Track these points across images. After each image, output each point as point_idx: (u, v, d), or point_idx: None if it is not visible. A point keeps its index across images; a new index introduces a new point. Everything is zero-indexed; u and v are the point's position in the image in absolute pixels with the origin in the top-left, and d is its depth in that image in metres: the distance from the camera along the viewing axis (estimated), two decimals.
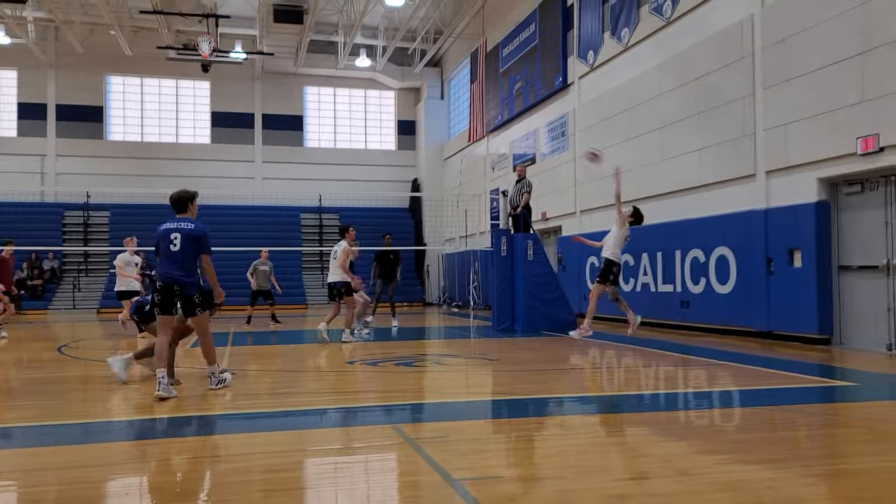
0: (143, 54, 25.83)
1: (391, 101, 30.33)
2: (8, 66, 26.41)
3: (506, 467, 4.20)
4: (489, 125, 23.16)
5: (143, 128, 28.31)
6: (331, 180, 28.53)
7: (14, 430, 5.38)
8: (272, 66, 27.96)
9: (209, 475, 4.04)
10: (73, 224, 26.32)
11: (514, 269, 13.50)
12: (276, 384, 7.59)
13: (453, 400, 6.64)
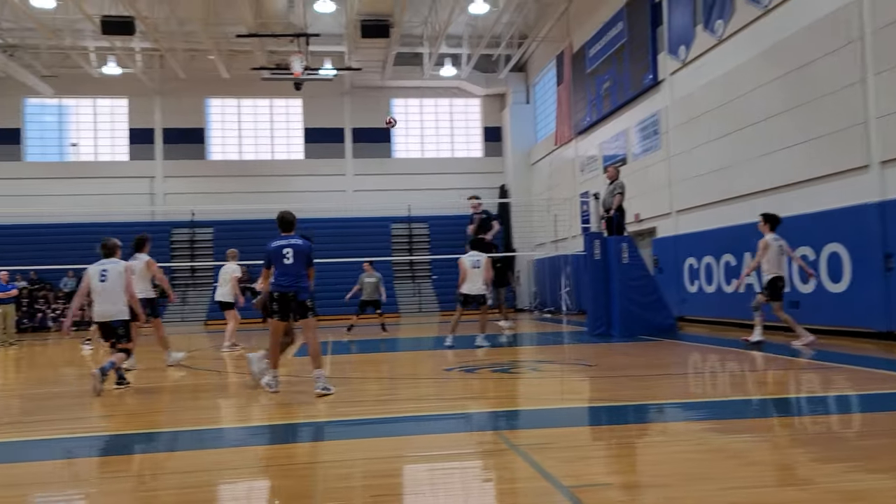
0: (239, 76, 26.98)
1: (477, 108, 30.47)
2: (120, 94, 28.14)
3: (613, 474, 4.15)
4: (577, 127, 22.91)
5: (241, 146, 29.53)
6: (419, 190, 28.90)
7: (137, 435, 5.73)
8: (360, 81, 28.62)
9: (319, 480, 4.17)
10: (181, 241, 27.71)
11: (608, 272, 13.28)
12: (377, 391, 7.75)
13: (554, 406, 6.61)
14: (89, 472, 4.73)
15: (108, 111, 28.68)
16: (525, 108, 28.72)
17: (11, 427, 6.38)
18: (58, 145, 28.46)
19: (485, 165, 30.09)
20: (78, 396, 7.86)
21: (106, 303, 7.94)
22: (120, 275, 8.00)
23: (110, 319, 7.95)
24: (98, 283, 7.96)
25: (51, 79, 26.26)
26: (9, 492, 4.22)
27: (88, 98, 28.34)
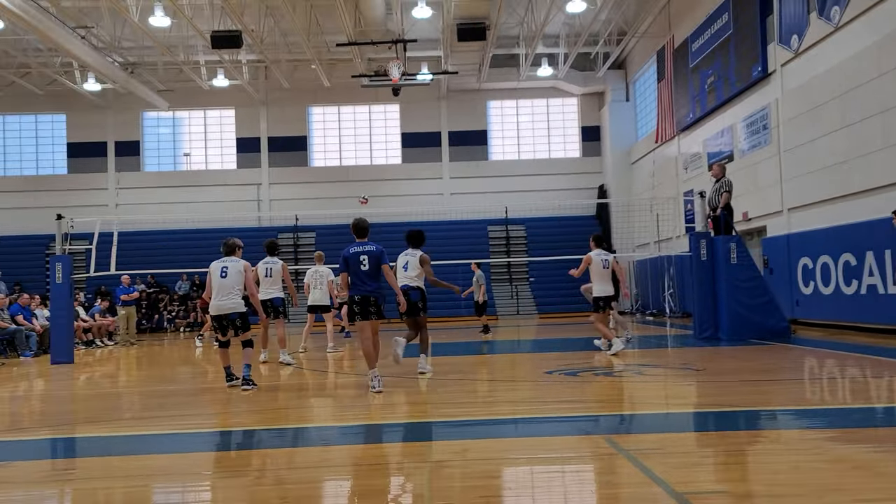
0: (339, 84, 27.74)
1: (574, 107, 30.06)
2: (228, 105, 29.51)
3: (727, 482, 3.98)
4: (679, 124, 22.21)
5: (342, 152, 30.33)
6: (516, 192, 28.77)
7: (250, 431, 5.96)
8: (456, 85, 28.81)
9: (427, 480, 4.20)
10: (285, 245, 28.71)
11: (715, 273, 12.78)
12: (480, 393, 7.75)
13: (662, 411, 6.42)
14: (207, 465, 4.95)
15: (217, 122, 30.11)
16: (624, 106, 28.10)
17: (136, 422, 6.78)
18: (172, 155, 30.12)
19: (583, 165, 29.64)
20: (194, 394, 8.26)
21: (224, 297, 8.33)
22: (239, 272, 8.39)
23: (227, 313, 8.31)
24: (218, 279, 8.36)
25: (166, 93, 27.84)
26: (135, 482, 4.48)
27: (199, 110, 29.84)
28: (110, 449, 5.51)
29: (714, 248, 12.80)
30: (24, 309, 15.45)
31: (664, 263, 21.85)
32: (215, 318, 8.35)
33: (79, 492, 4.27)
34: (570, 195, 28.56)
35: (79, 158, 29.29)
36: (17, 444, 5.82)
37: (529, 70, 26.52)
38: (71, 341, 13.27)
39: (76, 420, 7.00)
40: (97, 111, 28.90)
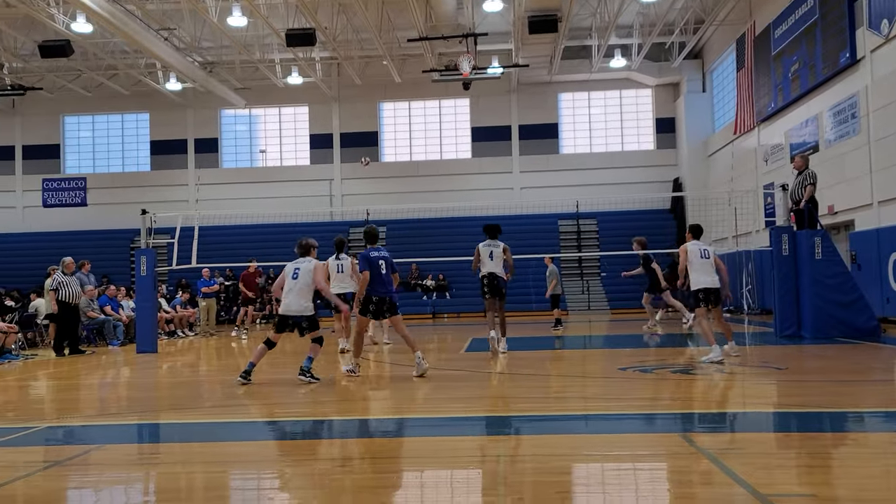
0: (409, 79, 27.91)
1: (648, 99, 29.38)
2: (301, 102, 30.13)
3: (814, 485, 3.81)
4: (760, 115, 21.42)
5: (412, 147, 30.54)
6: (587, 185, 28.34)
7: (319, 422, 6.06)
8: (527, 78, 28.58)
9: (501, 474, 4.18)
10: (357, 240, 29.08)
11: (798, 269, 12.28)
12: (554, 388, 7.67)
13: (742, 410, 6.21)
14: (282, 452, 5.06)
15: (291, 119, 30.77)
16: (701, 97, 27.29)
17: (216, 409, 6.99)
18: (248, 152, 30.96)
19: (657, 158, 28.97)
20: (271, 384, 8.47)
21: (293, 299, 8.40)
22: (309, 273, 8.45)
23: (294, 314, 8.38)
24: (291, 281, 8.47)
25: (242, 91, 28.62)
26: (214, 468, 4.62)
27: (274, 107, 30.56)
28: (191, 435, 5.71)
29: (797, 243, 12.29)
30: (112, 300, 16.17)
31: (742, 258, 21.14)
32: (280, 317, 8.45)
33: (162, 476, 4.43)
34: (644, 188, 27.95)
35: (161, 156, 30.45)
36: (108, 428, 6.09)
37: (602, 61, 26.05)
38: (155, 332, 13.81)
39: (160, 407, 7.28)
40: (178, 110, 29.96)
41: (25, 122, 30.59)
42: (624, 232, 26.70)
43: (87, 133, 31.14)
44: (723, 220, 21.82)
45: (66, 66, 25.85)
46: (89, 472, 4.54)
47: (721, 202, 21.84)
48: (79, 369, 10.90)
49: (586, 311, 25.54)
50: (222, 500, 3.91)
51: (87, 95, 28.98)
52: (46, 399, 8.22)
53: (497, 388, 7.62)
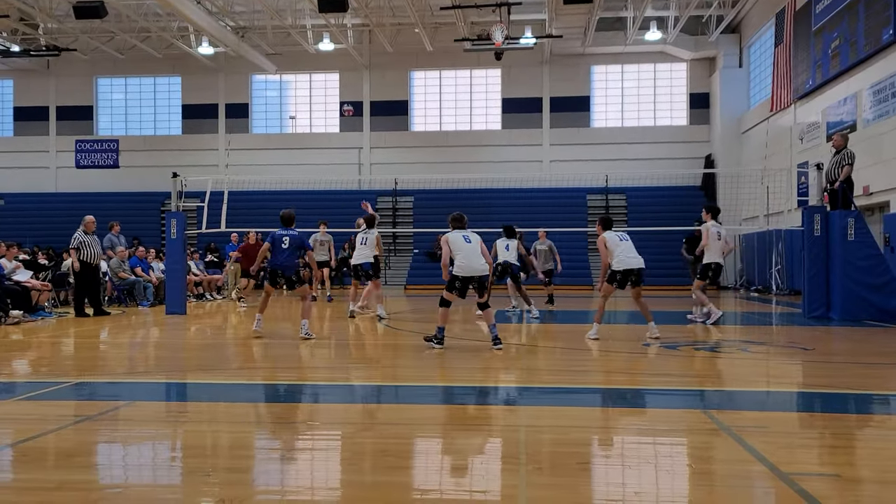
0: (441, 48, 27.67)
1: (683, 73, 28.83)
2: (332, 69, 30.05)
3: (838, 465, 3.79)
4: (797, 92, 20.93)
5: (442, 118, 30.37)
6: (617, 160, 28.02)
7: (345, 387, 6.14)
8: (560, 49, 28.16)
9: (522, 443, 4.21)
10: (384, 209, 29.17)
11: (829, 250, 12.08)
12: (574, 361, 7.67)
13: (766, 389, 6.17)
14: (306, 414, 5.14)
15: (321, 85, 30.72)
16: (737, 73, 26.71)
17: (241, 371, 7.11)
18: (278, 118, 31.02)
19: (689, 134, 28.51)
20: (295, 347, 8.58)
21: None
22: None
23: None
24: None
25: (274, 56, 28.59)
26: (239, 427, 4.71)
27: (305, 73, 30.50)
28: (217, 395, 5.82)
29: (830, 224, 12.08)
30: (142, 261, 16.42)
31: (772, 238, 20.83)
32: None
33: (189, 433, 4.53)
34: (675, 164, 27.55)
35: (192, 120, 30.64)
36: (137, 385, 6.23)
37: (637, 34, 25.55)
38: (184, 294, 14.01)
39: (188, 367, 7.42)
40: (210, 74, 30.05)
41: (59, 84, 30.93)
42: (653, 208, 26.49)
43: (119, 95, 31.41)
44: (754, 199, 21.47)
45: (100, 27, 26.00)
46: (119, 428, 4.66)
47: (753, 180, 21.46)
48: (109, 328, 11.13)
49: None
50: (247, 459, 3.99)
51: (120, 57, 29.16)
52: (78, 356, 8.42)
53: (519, 359, 7.65)
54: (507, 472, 3.63)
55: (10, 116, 31.45)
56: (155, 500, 3.29)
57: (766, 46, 24.31)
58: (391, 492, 3.33)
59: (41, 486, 3.40)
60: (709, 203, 11.11)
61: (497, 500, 3.26)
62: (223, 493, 3.30)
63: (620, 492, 3.34)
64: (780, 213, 20.36)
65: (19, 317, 11.71)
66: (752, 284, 23.00)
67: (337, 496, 3.36)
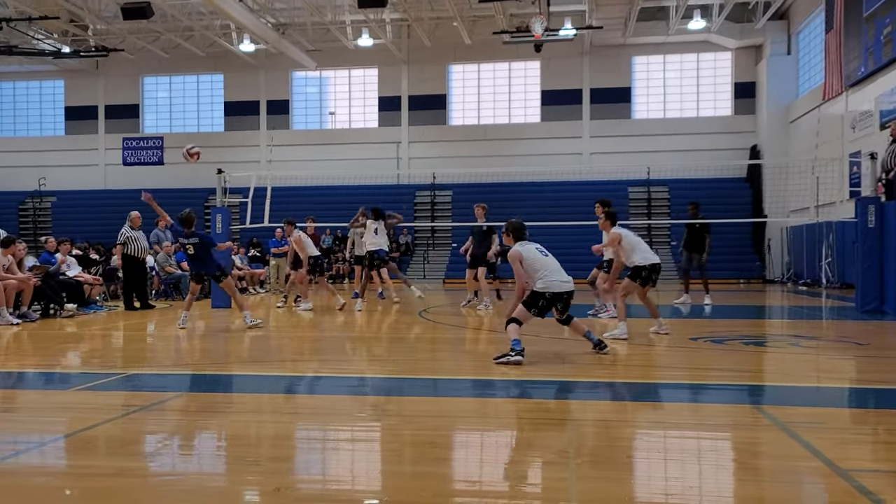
0: (480, 41, 27.56)
1: (727, 62, 28.24)
2: (371, 65, 30.18)
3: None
4: (848, 79, 20.33)
5: (480, 111, 30.27)
6: (659, 152, 27.61)
7: (386, 380, 6.16)
8: (600, 40, 27.82)
9: (569, 436, 4.16)
10: (423, 203, 29.26)
11: (884, 242, 11.71)
12: (618, 355, 7.57)
13: (820, 385, 6.00)
14: (347, 406, 5.17)
15: (360, 81, 30.88)
16: (785, 60, 26.05)
17: (284, 364, 7.18)
18: (318, 114, 31.28)
19: (734, 124, 27.94)
20: (338, 341, 8.64)
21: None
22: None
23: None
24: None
25: (313, 53, 28.82)
26: (282, 418, 4.76)
27: (344, 69, 30.69)
28: (261, 387, 5.90)
29: (884, 215, 11.71)
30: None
31: (822, 230, 20.31)
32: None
33: (234, 423, 4.60)
34: (719, 156, 27.02)
35: (234, 116, 31.09)
36: (185, 377, 6.35)
37: (680, 23, 25.11)
38: None
39: (232, 360, 7.53)
40: (251, 71, 30.44)
41: (108, 83, 31.66)
42: (697, 200, 25.96)
43: (164, 93, 32.02)
44: (803, 190, 20.94)
45: (146, 27, 26.53)
46: (169, 417, 4.75)
47: (802, 171, 20.94)
48: (156, 321, 11.36)
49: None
50: (289, 449, 4.03)
51: (165, 56, 29.72)
52: (127, 348, 8.61)
53: (563, 352, 7.58)
54: (555, 465, 3.59)
55: (62, 116, 32.33)
56: (207, 488, 3.34)
57: (816, 33, 23.67)
58: (435, 483, 3.32)
59: (102, 473, 3.48)
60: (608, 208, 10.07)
61: (546, 492, 3.23)
62: (271, 481, 3.33)
63: (671, 486, 3.28)
64: (832, 205, 19.87)
65: (73, 310, 12.03)
66: (800, 278, 22.46)
67: (378, 486, 3.37)
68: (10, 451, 3.95)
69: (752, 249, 26.28)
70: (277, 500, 3.09)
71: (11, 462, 3.71)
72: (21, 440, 4.21)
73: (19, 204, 30.94)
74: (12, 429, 4.53)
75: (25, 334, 9.43)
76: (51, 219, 30.32)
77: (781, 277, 24.54)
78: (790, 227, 24.03)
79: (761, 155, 26.36)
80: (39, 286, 11.45)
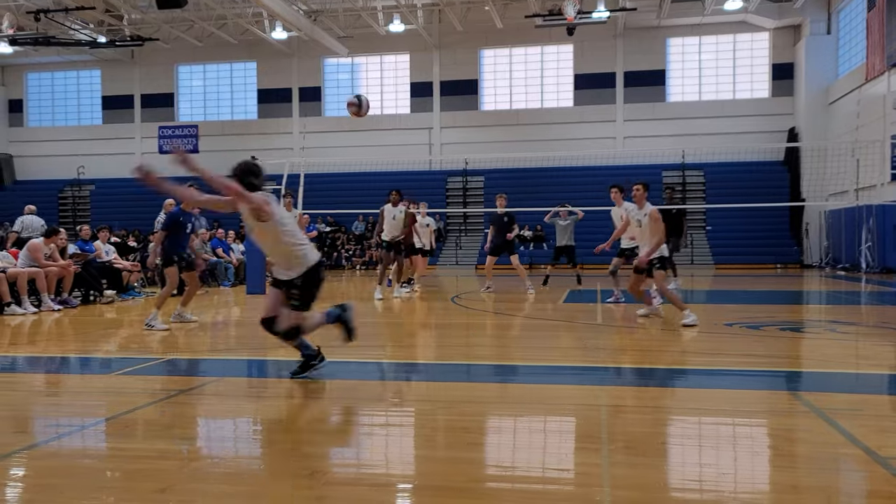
0: (512, 25, 27.32)
1: (764, 43, 27.62)
2: (402, 50, 30.12)
3: None
4: (891, 59, 19.75)
5: (512, 96, 30.06)
6: (695, 135, 27.16)
7: (420, 364, 6.20)
8: (634, 22, 27.40)
9: (604, 422, 4.16)
10: (454, 189, 29.23)
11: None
12: (653, 341, 7.52)
13: (858, 371, 5.89)
14: (380, 392, 5.22)
15: (392, 67, 30.86)
16: (825, 40, 25.40)
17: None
18: None
19: (771, 107, 27.35)
20: (372, 326, 8.71)
21: None
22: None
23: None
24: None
25: (345, 39, 28.87)
26: (316, 403, 4.82)
27: (375, 55, 30.68)
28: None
29: None
30: (223, 242, 16.97)
31: (863, 213, 19.85)
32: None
33: (268, 407, 4.69)
34: (756, 139, 26.53)
35: (267, 104, 31.31)
36: (222, 362, 6.47)
37: (715, 3, 24.59)
38: (264, 274, 14.39)
39: (268, 345, 7.63)
40: (283, 58, 30.60)
41: (143, 72, 32.10)
42: (733, 184, 25.61)
43: (198, 82, 32.37)
44: (843, 173, 20.52)
45: (180, 16, 26.80)
46: (209, 402, 4.84)
47: (842, 153, 20.49)
48: (193, 308, 11.54)
49: (689, 265, 24.77)
50: (323, 434, 4.09)
51: (199, 45, 30.00)
52: (165, 334, 8.77)
53: (598, 339, 7.55)
54: (588, 451, 3.59)
55: (99, 105, 32.88)
56: (246, 472, 3.41)
57: (858, 11, 23.03)
58: (468, 468, 3.35)
59: (145, 455, 3.57)
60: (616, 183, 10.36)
61: (580, 477, 3.23)
62: (307, 465, 3.39)
63: (707, 472, 3.27)
64: (872, 188, 19.39)
65: (112, 296, 12.29)
66: (839, 263, 22.01)
67: (411, 471, 3.40)
68: (53, 434, 4.07)
69: (789, 234, 25.80)
70: (312, 483, 3.15)
71: (55, 444, 3.83)
72: (63, 423, 4.34)
73: (59, 192, 31.61)
74: (55, 412, 4.66)
75: (66, 320, 9.67)
76: (89, 206, 30.95)
77: (820, 262, 24.07)
78: (829, 210, 23.54)
79: (799, 137, 25.80)
80: (80, 273, 11.71)
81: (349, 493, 3.03)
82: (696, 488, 3.06)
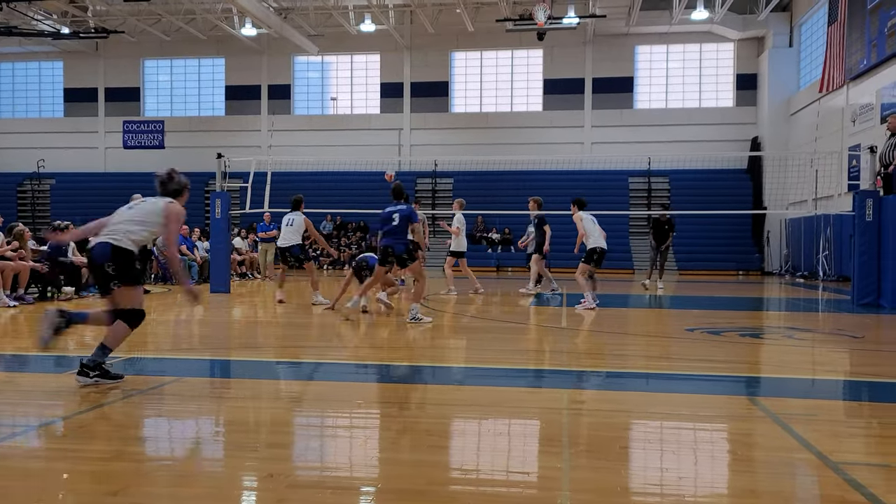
0: (483, 29, 27.41)
1: (729, 53, 28.12)
2: (373, 50, 30.03)
3: (890, 455, 3.70)
4: (850, 72, 20.26)
5: (482, 99, 30.15)
6: (661, 142, 27.56)
7: (402, 366, 6.18)
8: (603, 29, 27.69)
9: (564, 426, 4.19)
10: (424, 190, 29.21)
11: (881, 236, 11.73)
12: (615, 345, 7.61)
13: (814, 377, 6.04)
14: (344, 393, 5.20)
15: (362, 66, 30.73)
16: (787, 53, 25.97)
17: (282, 350, 7.20)
18: (320, 100, 31.16)
19: (735, 116, 27.86)
20: (330, 327, 8.67)
21: None
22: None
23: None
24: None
25: (316, 38, 28.68)
26: (279, 404, 4.77)
27: (346, 55, 30.53)
28: (259, 372, 5.92)
29: (882, 209, 11.72)
30: (187, 240, 16.73)
31: (820, 223, 20.32)
32: None
33: (232, 409, 4.63)
34: (720, 147, 27.02)
35: (235, 101, 30.95)
36: (184, 362, 6.37)
37: (683, 13, 24.98)
38: (228, 273, 14.25)
39: (232, 345, 7.56)
40: (253, 55, 30.29)
41: (108, 65, 31.50)
42: (697, 191, 26.05)
43: (165, 77, 31.88)
44: (802, 182, 20.92)
45: (147, 10, 26.39)
46: (167, 402, 4.77)
47: (801, 163, 20.92)
48: (156, 306, 11.37)
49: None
50: (286, 436, 4.06)
51: (166, 39, 29.56)
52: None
53: (560, 342, 7.62)
54: (549, 454, 3.62)
55: (61, 97, 32.18)
56: (203, 474, 3.37)
57: (819, 25, 23.58)
58: (430, 471, 3.35)
59: (99, 457, 3.50)
60: (577, 198, 11.46)
61: (541, 481, 3.26)
62: (267, 467, 3.36)
63: (662, 476, 3.31)
64: (830, 198, 19.84)
65: (71, 293, 12.04)
66: (798, 270, 22.50)
67: (374, 474, 3.39)
68: (4, 434, 3.97)
69: (751, 241, 26.29)
70: (272, 485, 3.12)
71: (6, 446, 3.74)
72: (14, 423, 4.24)
73: (17, 185, 30.88)
74: (5, 412, 4.54)
75: (22, 317, 9.45)
76: (49, 201, 30.29)
77: (780, 270, 24.57)
78: (789, 219, 24.05)
79: (762, 147, 26.33)
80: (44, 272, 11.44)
81: (310, 495, 3.01)
82: (657, 492, 3.10)
